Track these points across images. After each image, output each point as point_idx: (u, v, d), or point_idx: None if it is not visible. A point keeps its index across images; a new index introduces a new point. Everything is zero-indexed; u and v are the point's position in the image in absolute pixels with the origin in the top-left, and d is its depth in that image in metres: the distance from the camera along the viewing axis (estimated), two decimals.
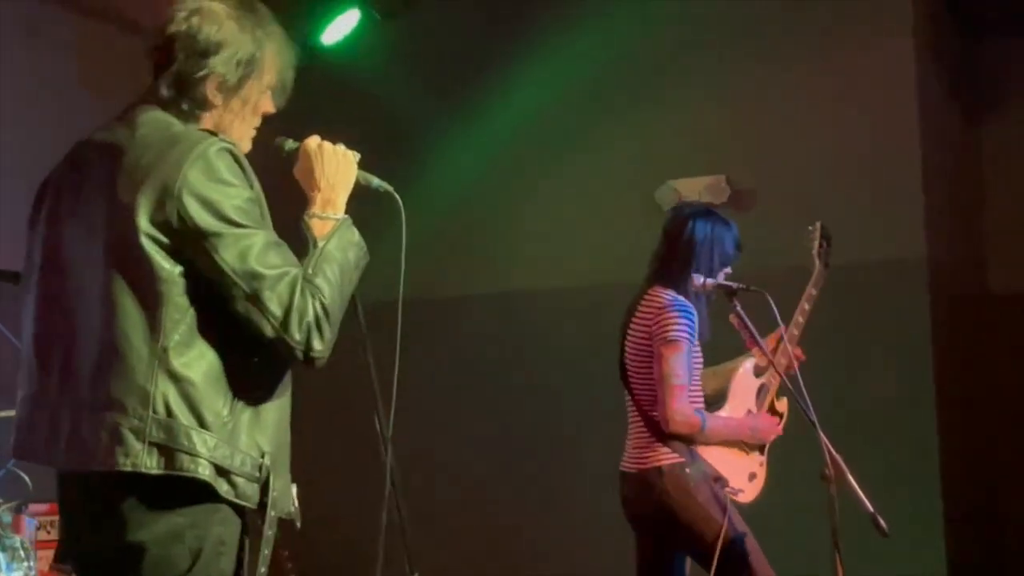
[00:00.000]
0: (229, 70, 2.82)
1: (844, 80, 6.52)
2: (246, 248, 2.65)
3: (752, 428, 4.71)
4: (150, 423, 2.56)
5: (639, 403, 4.66)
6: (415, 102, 6.94)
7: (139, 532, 2.61)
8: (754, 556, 4.55)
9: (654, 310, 4.64)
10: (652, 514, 4.65)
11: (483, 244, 6.61)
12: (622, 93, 6.89)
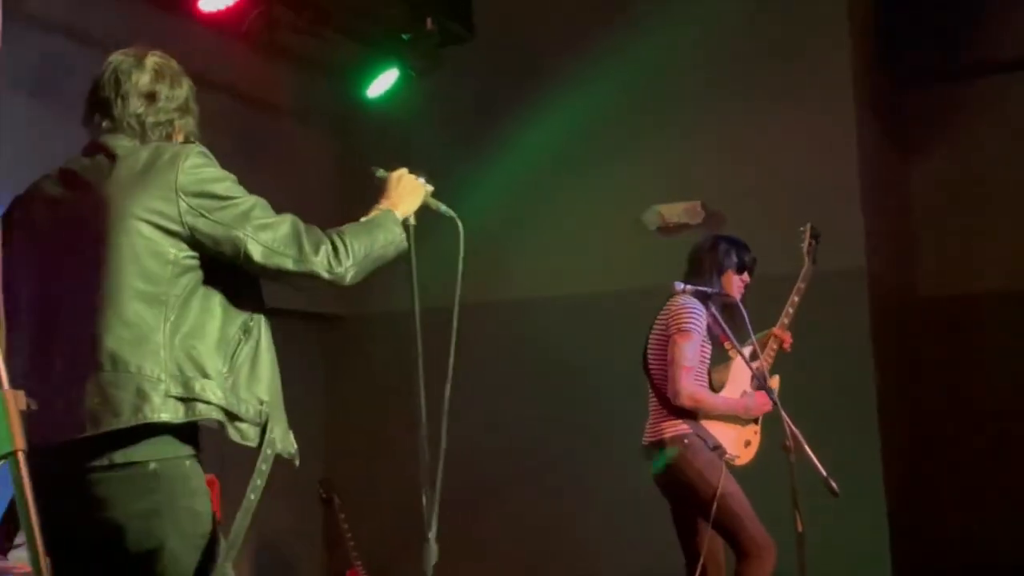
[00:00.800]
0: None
1: (797, 122, 6.50)
2: (247, 210, 2.70)
3: (746, 406, 4.76)
4: (168, 381, 2.51)
5: (655, 385, 4.74)
6: (444, 143, 6.97)
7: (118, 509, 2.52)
8: (743, 510, 4.61)
9: (672, 309, 4.73)
10: (664, 478, 4.71)
11: (498, 259, 6.58)
12: (615, 134, 6.87)
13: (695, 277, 4.81)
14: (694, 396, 4.61)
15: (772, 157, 6.51)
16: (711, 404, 4.68)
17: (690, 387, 4.60)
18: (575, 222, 6.94)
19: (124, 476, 2.50)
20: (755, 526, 4.59)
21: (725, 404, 4.74)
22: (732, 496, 4.58)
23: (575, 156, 6.97)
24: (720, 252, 4.85)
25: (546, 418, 6.85)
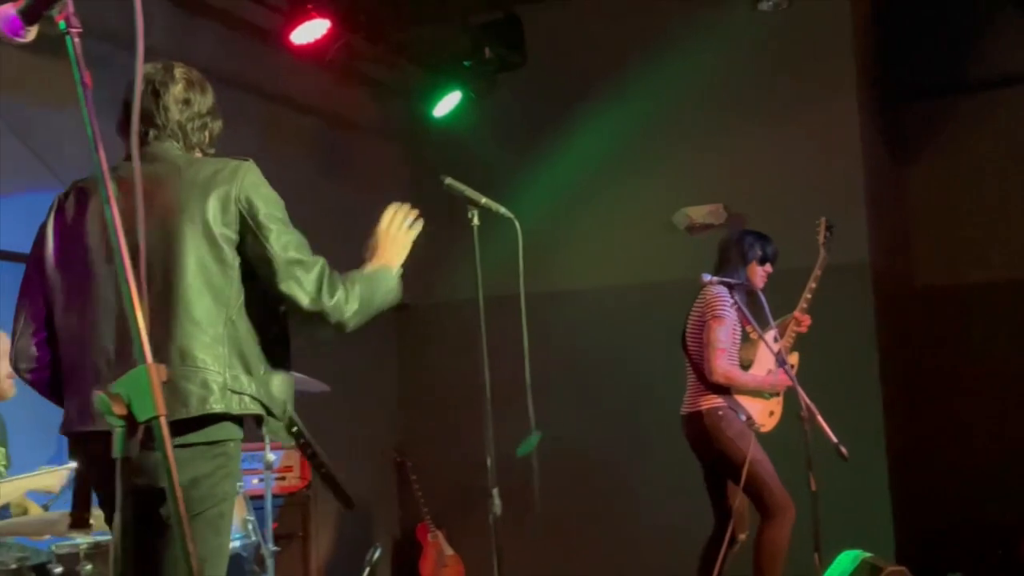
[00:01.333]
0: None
1: (807, 132, 6.45)
2: (288, 241, 2.58)
3: (772, 383, 4.79)
4: (226, 375, 2.45)
5: (693, 363, 4.75)
6: (500, 155, 6.98)
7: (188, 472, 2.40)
8: (768, 474, 4.62)
9: (707, 297, 4.75)
10: (700, 444, 4.74)
11: (546, 255, 6.59)
12: (648, 145, 6.85)
13: (724, 267, 4.82)
14: (727, 374, 4.64)
15: (785, 163, 6.47)
16: (742, 381, 4.71)
17: (724, 367, 4.63)
18: (614, 223, 6.94)
19: (190, 452, 2.42)
20: (779, 489, 4.59)
21: (754, 381, 4.75)
22: (759, 462, 4.59)
23: (614, 165, 6.95)
24: (745, 245, 4.86)
25: (587, 396, 6.86)
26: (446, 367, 7.45)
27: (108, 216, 1.57)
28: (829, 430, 4.31)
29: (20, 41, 1.77)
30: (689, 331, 4.82)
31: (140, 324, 1.53)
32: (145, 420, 1.50)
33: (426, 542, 7.08)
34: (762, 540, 4.61)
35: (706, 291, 4.76)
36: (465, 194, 3.44)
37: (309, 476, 6.09)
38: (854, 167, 6.36)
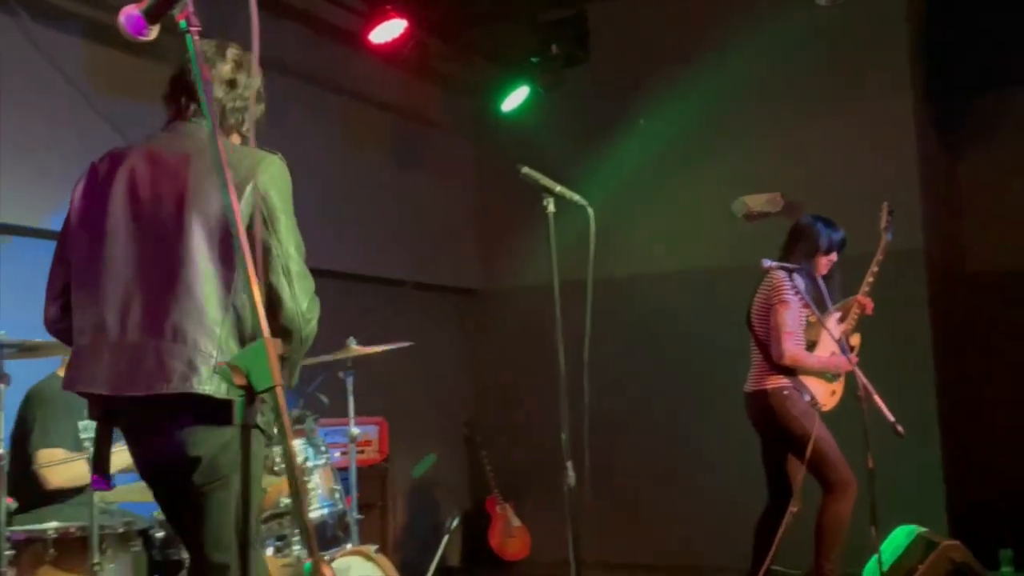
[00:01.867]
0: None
1: (864, 121, 6.37)
2: (297, 241, 2.54)
3: (836, 364, 4.72)
4: (218, 358, 2.36)
5: (759, 344, 4.72)
6: (566, 146, 6.98)
7: (196, 448, 2.38)
8: (832, 451, 4.58)
9: (774, 282, 4.69)
10: (763, 421, 4.71)
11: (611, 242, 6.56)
12: (711, 135, 6.81)
13: (792, 252, 4.77)
14: (795, 357, 4.60)
15: (841, 153, 6.39)
16: (808, 363, 4.67)
17: (792, 349, 4.59)
18: (675, 212, 6.92)
19: (201, 428, 2.39)
20: (842, 465, 4.55)
21: (819, 362, 4.71)
22: (823, 440, 4.55)
23: (674, 155, 6.93)
24: (817, 233, 4.80)
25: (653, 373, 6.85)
26: (512, 349, 7.49)
27: (226, 202, 1.60)
28: (886, 409, 4.26)
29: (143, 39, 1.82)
30: (755, 313, 4.78)
31: (258, 302, 1.57)
32: (263, 390, 1.54)
33: (494, 514, 7.13)
34: (825, 514, 4.57)
35: (770, 276, 4.71)
36: (541, 183, 3.43)
37: (387, 450, 6.17)
38: (909, 157, 6.27)
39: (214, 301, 2.39)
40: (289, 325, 2.45)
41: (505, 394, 7.53)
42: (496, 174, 7.53)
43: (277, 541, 3.84)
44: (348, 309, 6.50)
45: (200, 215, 2.42)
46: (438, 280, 7.39)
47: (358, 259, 6.61)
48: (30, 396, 3.92)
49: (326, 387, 4.91)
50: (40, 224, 4.68)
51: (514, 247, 7.53)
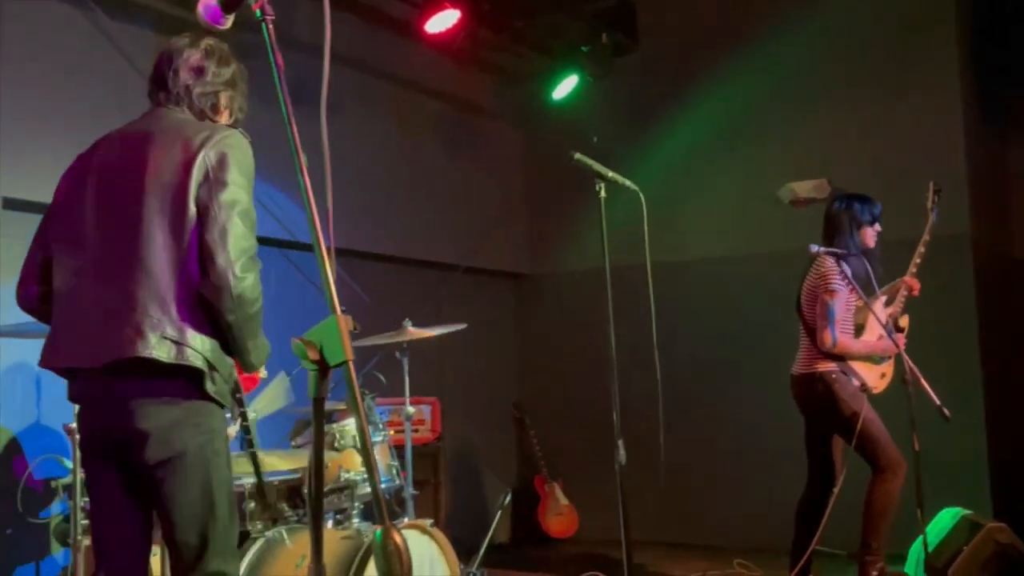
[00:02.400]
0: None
1: (911, 108, 6.28)
2: (241, 207, 2.44)
3: (884, 348, 4.65)
4: (168, 325, 2.35)
5: (807, 328, 4.68)
6: (617, 133, 6.99)
7: (146, 420, 2.37)
8: (881, 433, 4.54)
9: (821, 270, 4.62)
10: (810, 404, 4.68)
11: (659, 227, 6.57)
12: (759, 120, 6.76)
13: (836, 236, 4.69)
14: (841, 346, 4.56)
15: (888, 139, 6.30)
16: (855, 350, 4.61)
17: (838, 338, 4.55)
18: (725, 196, 6.88)
19: (153, 399, 2.39)
20: (891, 447, 4.50)
21: (866, 347, 4.65)
22: (872, 422, 4.51)
23: (722, 141, 6.89)
24: (855, 210, 4.73)
25: (703, 356, 6.83)
26: (560, 332, 7.51)
27: (301, 184, 1.63)
28: (932, 392, 4.22)
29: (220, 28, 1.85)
30: (804, 299, 4.74)
31: (329, 277, 1.59)
32: (336, 364, 1.57)
33: (543, 492, 7.17)
34: (874, 494, 4.53)
35: (818, 263, 4.65)
36: (593, 168, 3.44)
37: (440, 429, 6.22)
38: (956, 143, 6.17)
39: (166, 271, 2.38)
40: (218, 281, 2.37)
41: (553, 376, 7.55)
42: (546, 161, 7.54)
43: (337, 514, 3.90)
44: (403, 292, 6.57)
45: (156, 189, 2.43)
46: (489, 265, 7.43)
47: (412, 244, 6.66)
48: None
49: (383, 367, 4.96)
50: None
51: (563, 233, 7.54)
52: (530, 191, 7.86)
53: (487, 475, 7.32)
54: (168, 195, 2.42)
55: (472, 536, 5.48)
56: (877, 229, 4.75)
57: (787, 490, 4.95)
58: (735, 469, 6.69)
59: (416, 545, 3.64)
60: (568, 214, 7.31)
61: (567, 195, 7.07)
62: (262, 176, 2.56)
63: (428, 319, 5.48)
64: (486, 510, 7.04)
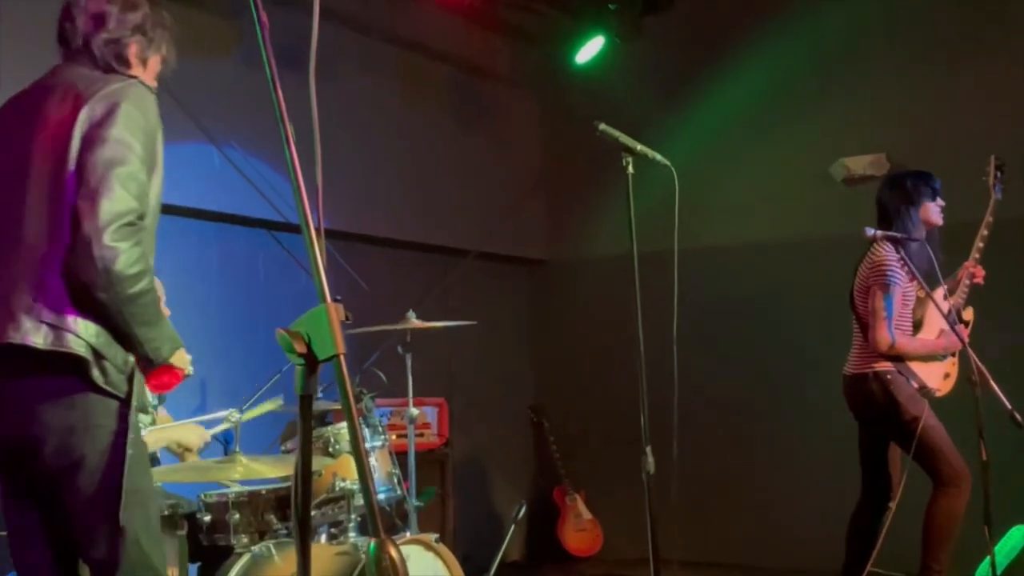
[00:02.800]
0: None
1: (976, 78, 6.24)
2: (119, 160, 2.34)
3: (944, 346, 4.63)
4: (44, 309, 2.27)
5: (861, 324, 4.66)
6: (645, 101, 6.94)
7: (38, 424, 2.30)
8: (943, 441, 4.52)
9: (874, 260, 4.59)
10: (864, 408, 4.67)
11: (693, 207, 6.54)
12: (805, 91, 6.73)
13: (893, 218, 4.65)
14: (895, 345, 4.53)
15: (952, 112, 6.26)
16: (910, 350, 4.58)
17: (889, 337, 4.51)
18: (765, 175, 6.85)
19: (47, 399, 2.31)
20: (954, 457, 4.48)
21: (923, 347, 4.62)
22: (933, 428, 4.49)
23: (765, 113, 6.85)
24: (910, 187, 4.68)
25: (740, 353, 6.82)
26: (583, 325, 7.50)
27: (287, 157, 1.62)
28: (1002, 395, 4.19)
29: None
30: (856, 290, 4.71)
31: (319, 261, 1.59)
32: (325, 359, 1.56)
33: (563, 505, 7.17)
34: (934, 510, 4.50)
35: (873, 250, 4.61)
36: (620, 140, 3.42)
37: (447, 433, 6.23)
38: None
39: (45, 244, 2.32)
40: (81, 250, 2.26)
41: (575, 375, 7.54)
42: (567, 134, 7.51)
43: (331, 527, 3.91)
44: (407, 280, 6.58)
45: (42, 150, 2.38)
46: (503, 250, 7.43)
47: (416, 227, 6.66)
48: None
49: (383, 364, 4.97)
50: None
51: (586, 214, 7.53)
52: (549, 168, 7.84)
53: (500, 485, 7.33)
54: (51, 157, 2.36)
55: (483, 553, 5.48)
56: (940, 204, 4.71)
57: (834, 504, 4.95)
58: (777, 481, 6.67)
59: (419, 562, 3.65)
60: (593, 193, 7.29)
61: (592, 172, 7.04)
62: (249, 150, 2.56)
63: (434, 310, 5.49)
64: (499, 524, 7.05)
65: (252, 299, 5.61)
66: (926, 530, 4.53)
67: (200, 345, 5.25)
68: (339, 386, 1.55)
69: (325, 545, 3.80)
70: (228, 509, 3.72)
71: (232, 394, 4.79)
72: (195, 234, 5.41)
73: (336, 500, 3.79)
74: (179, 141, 5.14)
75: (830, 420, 5.13)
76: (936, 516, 4.51)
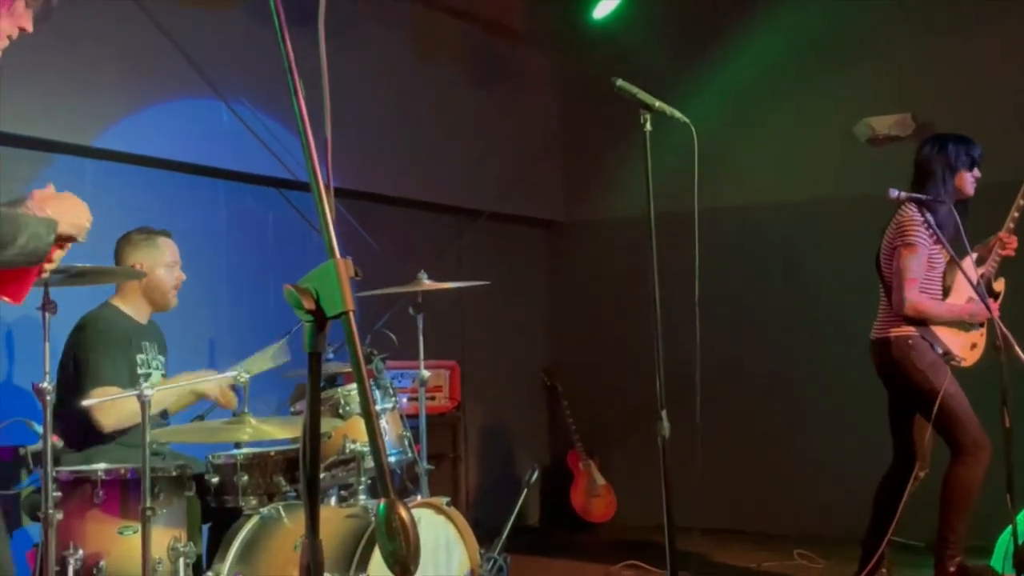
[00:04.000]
0: None
1: (1010, 37, 6.16)
2: None
3: (971, 312, 4.58)
4: None
5: (886, 287, 4.65)
6: (665, 58, 6.90)
7: None
8: (963, 410, 4.51)
9: (901, 220, 4.57)
10: (887, 373, 4.68)
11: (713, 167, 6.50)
12: (830, 49, 6.67)
13: (927, 182, 4.61)
14: (917, 307, 4.51)
15: (981, 70, 6.20)
16: (936, 313, 4.56)
17: (914, 299, 4.50)
18: (787, 134, 6.81)
19: None
20: (974, 426, 4.47)
21: (950, 312, 4.60)
22: (954, 397, 4.48)
23: (789, 71, 6.81)
24: (950, 153, 4.64)
25: (762, 316, 6.81)
26: (599, 288, 7.49)
27: (296, 110, 1.61)
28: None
29: None
30: (883, 253, 4.69)
31: (328, 217, 1.58)
32: (334, 315, 1.55)
33: (577, 470, 7.19)
34: (952, 479, 4.51)
35: (900, 212, 4.58)
36: (638, 97, 3.39)
37: (459, 397, 6.25)
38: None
39: None
40: None
41: (590, 338, 7.54)
42: (584, 91, 7.47)
43: (342, 490, 3.93)
44: (420, 241, 6.57)
45: None
46: (518, 210, 7.40)
47: (430, 186, 6.64)
48: (84, 326, 4.02)
49: (394, 326, 4.97)
50: (89, 142, 4.79)
51: (603, 174, 7.49)
52: (566, 126, 7.80)
53: (514, 449, 7.36)
54: None
55: (496, 518, 5.50)
56: (976, 175, 4.66)
57: (856, 471, 4.95)
58: (796, 447, 6.67)
59: (430, 526, 3.66)
60: (611, 152, 7.26)
61: (610, 130, 6.98)
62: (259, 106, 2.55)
63: (447, 272, 5.49)
64: (511, 489, 7.06)
65: (262, 259, 5.62)
66: (943, 499, 4.54)
67: (209, 304, 5.33)
68: (348, 343, 1.54)
69: (335, 508, 3.82)
70: (236, 471, 3.74)
71: (241, 355, 4.80)
72: (204, 192, 5.42)
73: (346, 462, 3.81)
74: (187, 96, 5.14)
75: (855, 385, 5.11)
76: (953, 485, 4.52)
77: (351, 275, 1.57)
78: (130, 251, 4.14)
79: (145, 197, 5.07)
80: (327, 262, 1.58)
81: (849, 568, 4.93)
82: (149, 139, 4.98)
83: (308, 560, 1.57)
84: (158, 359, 4.22)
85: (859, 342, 4.91)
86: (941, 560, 4.58)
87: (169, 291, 4.20)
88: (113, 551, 3.37)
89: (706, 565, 5.78)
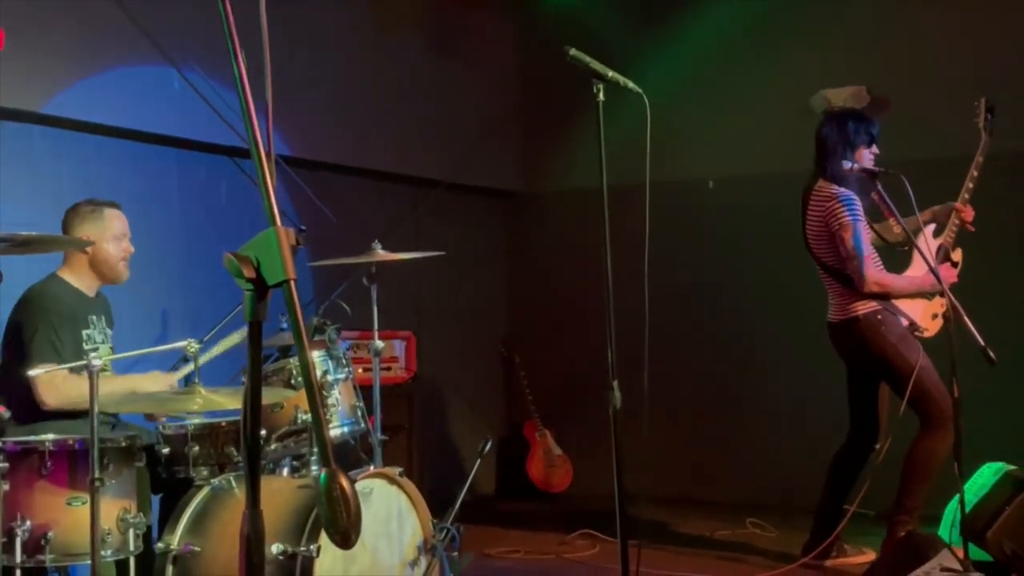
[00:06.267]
0: None
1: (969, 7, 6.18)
2: None
3: (932, 283, 4.60)
4: None
5: (830, 269, 4.68)
6: (620, 26, 6.88)
7: None
8: (934, 384, 4.59)
9: (822, 201, 4.63)
10: (854, 352, 4.71)
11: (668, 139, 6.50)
12: (786, 21, 6.69)
13: (830, 159, 4.70)
14: (879, 282, 4.57)
15: (940, 41, 6.23)
16: (897, 286, 4.63)
17: (874, 274, 4.56)
18: (745, 106, 6.81)
19: None
20: (944, 399, 4.52)
21: (910, 284, 4.67)
22: (924, 370, 4.55)
23: (745, 42, 6.82)
24: (850, 129, 4.72)
25: (715, 290, 6.85)
26: (556, 259, 7.50)
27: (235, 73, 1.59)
28: (976, 332, 4.22)
29: None
30: (811, 235, 4.73)
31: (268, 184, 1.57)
32: (275, 284, 1.54)
33: (533, 440, 7.22)
34: (919, 449, 4.59)
35: (819, 192, 4.66)
36: (591, 66, 3.39)
37: (415, 368, 6.24)
38: (1019, 47, 6.07)
39: None
40: None
41: (547, 309, 7.56)
42: (542, 61, 7.42)
43: (294, 460, 3.92)
44: (373, 211, 6.54)
45: None
46: (476, 181, 7.38)
47: (384, 156, 6.61)
48: (29, 299, 3.95)
49: (349, 296, 4.95)
50: (38, 108, 4.72)
51: (561, 144, 7.48)
52: (525, 95, 7.78)
53: (470, 420, 7.36)
54: None
55: (450, 489, 5.51)
56: (875, 151, 4.75)
57: (806, 441, 5.01)
58: (749, 417, 6.74)
59: (382, 496, 3.66)
60: (569, 123, 7.24)
61: (568, 101, 6.93)
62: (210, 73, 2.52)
63: (403, 242, 5.47)
64: (466, 459, 7.10)
65: (214, 227, 5.56)
66: (906, 469, 4.62)
67: (161, 275, 5.28)
68: (289, 312, 1.53)
69: (287, 478, 3.81)
70: (187, 441, 3.73)
71: (194, 324, 4.77)
72: (154, 160, 5.35)
73: (298, 432, 3.80)
74: (137, 63, 5.07)
75: (807, 356, 5.15)
76: (919, 456, 4.59)
77: (292, 244, 1.56)
78: (78, 223, 4.07)
79: (95, 165, 5.00)
80: (267, 230, 1.56)
81: (800, 537, 5.00)
82: (99, 106, 4.91)
83: (248, 530, 1.57)
84: (105, 331, 4.17)
85: (811, 313, 4.95)
86: (893, 528, 4.65)
87: (117, 264, 4.12)
88: (61, 522, 3.34)
89: (659, 533, 5.84)
